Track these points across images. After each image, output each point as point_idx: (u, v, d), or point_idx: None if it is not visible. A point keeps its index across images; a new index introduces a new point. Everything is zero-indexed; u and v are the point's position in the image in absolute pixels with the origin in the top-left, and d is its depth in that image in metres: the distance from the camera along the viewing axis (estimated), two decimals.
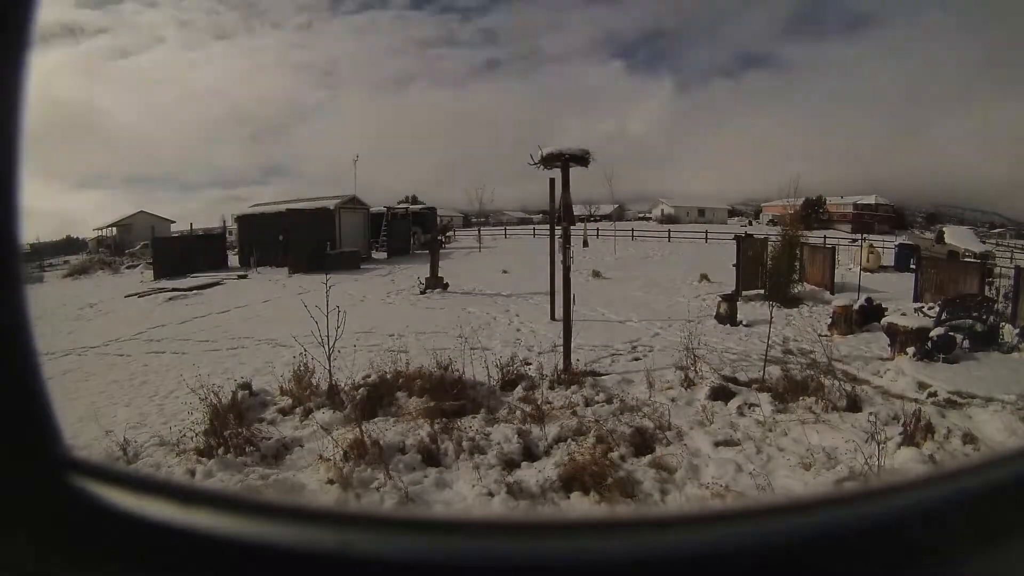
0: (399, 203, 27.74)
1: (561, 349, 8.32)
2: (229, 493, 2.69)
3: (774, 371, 7.19)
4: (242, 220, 24.82)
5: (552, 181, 10.58)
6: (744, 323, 11.25)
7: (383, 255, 24.06)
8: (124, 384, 8.31)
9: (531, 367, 7.69)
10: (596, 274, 18.01)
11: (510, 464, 5.02)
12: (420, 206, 27.97)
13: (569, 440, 5.37)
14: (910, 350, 8.51)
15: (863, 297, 11.73)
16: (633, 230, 30.33)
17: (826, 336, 10.20)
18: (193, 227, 27.34)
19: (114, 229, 29.92)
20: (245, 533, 0.63)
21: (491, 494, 4.47)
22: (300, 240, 21.05)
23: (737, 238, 16.15)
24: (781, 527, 0.62)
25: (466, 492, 4.57)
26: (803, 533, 0.62)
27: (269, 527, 0.63)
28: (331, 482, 4.70)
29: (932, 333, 8.65)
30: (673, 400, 6.54)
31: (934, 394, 6.90)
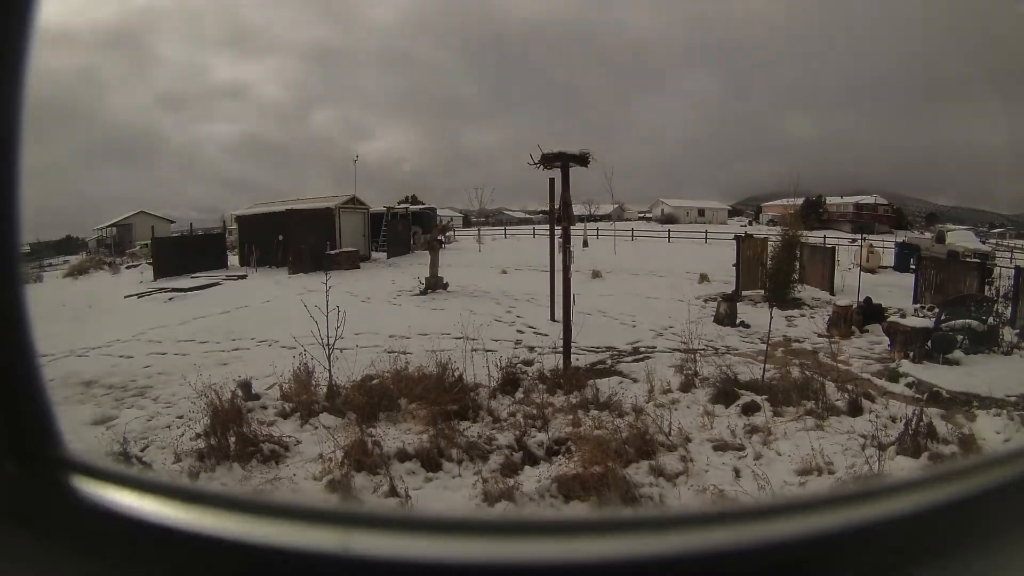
0: (399, 203, 27.71)
1: (561, 350, 8.32)
2: (229, 493, 2.69)
3: (775, 373, 7.18)
4: (242, 220, 24.78)
5: (552, 181, 10.58)
6: (744, 324, 11.24)
7: (383, 255, 24.04)
8: (125, 385, 8.31)
9: (531, 368, 7.69)
10: (596, 274, 17.99)
11: (510, 468, 5.01)
12: (420, 206, 27.93)
13: (569, 444, 5.36)
14: (910, 351, 8.51)
15: (863, 297, 11.74)
16: (633, 230, 30.30)
17: (826, 337, 10.20)
18: (193, 227, 27.30)
19: (114, 229, 29.89)
20: (245, 533, 0.63)
21: (491, 499, 4.47)
22: (300, 240, 21.02)
23: (737, 238, 16.12)
24: (781, 527, 0.62)
25: (466, 496, 4.57)
26: (803, 533, 0.62)
27: (269, 527, 0.63)
28: (331, 484, 4.70)
29: (932, 334, 8.66)
30: (674, 403, 6.54)
31: (935, 395, 6.90)
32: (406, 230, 25.72)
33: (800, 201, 25.99)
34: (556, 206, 9.96)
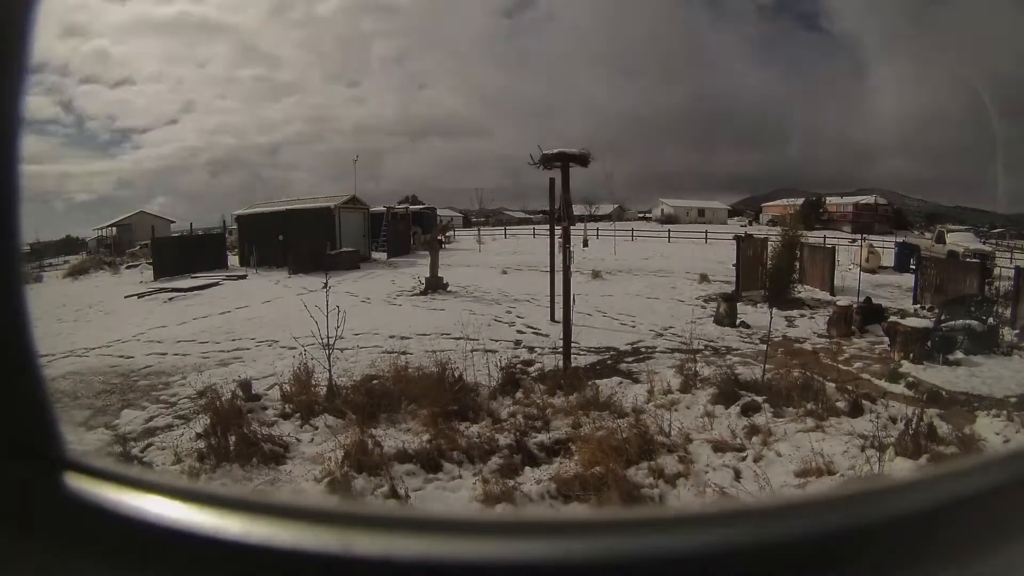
0: (399, 203, 27.69)
1: (562, 350, 8.32)
2: (229, 493, 2.69)
3: (775, 374, 7.17)
4: (242, 220, 24.79)
5: (552, 181, 10.58)
6: (744, 324, 11.24)
7: (383, 255, 24.05)
8: (125, 386, 8.31)
9: (532, 368, 7.69)
10: (596, 274, 17.98)
11: (510, 469, 5.01)
12: (420, 206, 27.91)
13: (570, 444, 5.36)
14: (911, 351, 8.51)
15: (863, 297, 11.74)
16: (633, 230, 30.27)
17: (826, 337, 10.20)
18: (193, 227, 27.29)
19: (114, 229, 29.87)
20: (245, 533, 0.63)
21: (491, 499, 4.47)
22: (300, 240, 21.03)
23: (737, 238, 16.12)
24: (781, 527, 0.62)
25: (466, 498, 4.57)
26: (803, 533, 0.62)
27: (269, 527, 0.63)
28: (332, 484, 4.70)
29: (932, 334, 8.66)
30: (674, 404, 6.53)
31: (935, 396, 6.90)
32: (406, 230, 25.72)
33: (800, 201, 25.95)
34: (556, 206, 9.96)
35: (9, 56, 0.74)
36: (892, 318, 9.81)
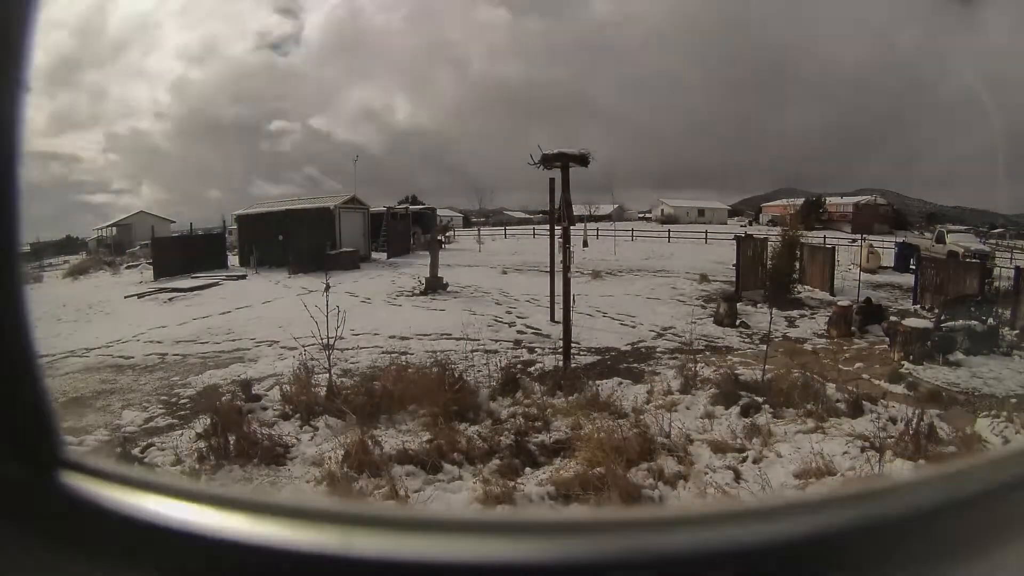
0: (399, 203, 27.68)
1: (561, 350, 8.32)
2: (229, 493, 2.69)
3: (775, 374, 7.17)
4: (242, 220, 24.78)
5: (552, 181, 10.58)
6: (744, 324, 11.24)
7: (383, 255, 24.04)
8: (126, 386, 8.31)
9: (532, 368, 7.69)
10: (596, 275, 17.97)
11: (511, 470, 5.01)
12: (420, 206, 27.90)
13: (569, 446, 5.36)
14: (911, 351, 8.51)
15: (863, 298, 11.74)
16: (633, 230, 30.25)
17: (826, 337, 10.19)
18: (193, 227, 27.28)
19: (114, 229, 29.87)
20: (245, 533, 0.63)
21: (491, 499, 4.47)
22: (300, 240, 21.02)
23: (737, 238, 16.12)
24: (781, 527, 0.62)
25: (466, 498, 4.57)
26: (803, 533, 0.62)
27: (269, 527, 0.63)
28: (331, 485, 4.70)
29: (932, 335, 8.66)
30: (674, 404, 6.53)
31: (935, 396, 6.90)
32: (406, 230, 25.70)
33: (800, 201, 25.96)
34: (556, 206, 9.96)
35: (9, 57, 0.74)
36: (892, 318, 9.82)
